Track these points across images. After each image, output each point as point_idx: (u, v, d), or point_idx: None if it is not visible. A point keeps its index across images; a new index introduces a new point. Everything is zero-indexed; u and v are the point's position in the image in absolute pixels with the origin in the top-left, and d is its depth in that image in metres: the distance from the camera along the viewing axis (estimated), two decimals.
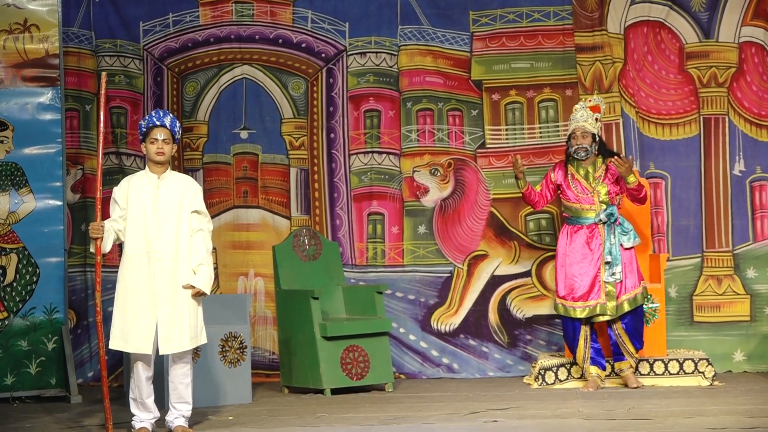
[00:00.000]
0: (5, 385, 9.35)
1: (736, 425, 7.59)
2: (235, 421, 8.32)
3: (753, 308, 10.30)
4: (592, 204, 9.32)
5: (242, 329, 9.22)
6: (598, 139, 9.41)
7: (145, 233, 7.73)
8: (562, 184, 9.42)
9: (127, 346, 7.69)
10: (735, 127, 10.37)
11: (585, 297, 9.24)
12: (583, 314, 9.23)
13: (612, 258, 9.22)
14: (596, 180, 9.34)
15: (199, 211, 7.90)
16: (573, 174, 9.40)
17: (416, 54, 10.53)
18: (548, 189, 9.50)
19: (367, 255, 10.50)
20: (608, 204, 9.31)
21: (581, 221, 9.34)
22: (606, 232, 9.28)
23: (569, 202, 9.40)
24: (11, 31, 9.53)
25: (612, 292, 9.22)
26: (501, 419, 8.07)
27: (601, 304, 9.22)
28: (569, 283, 9.29)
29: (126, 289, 7.72)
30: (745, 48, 10.39)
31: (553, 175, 9.47)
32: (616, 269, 9.21)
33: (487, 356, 10.39)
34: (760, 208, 10.36)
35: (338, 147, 10.55)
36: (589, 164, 9.40)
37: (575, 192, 9.36)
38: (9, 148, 9.49)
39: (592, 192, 9.32)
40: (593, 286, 9.24)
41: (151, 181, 7.82)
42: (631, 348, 9.28)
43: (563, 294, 9.31)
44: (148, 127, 7.81)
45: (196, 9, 10.58)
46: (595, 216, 9.30)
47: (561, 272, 9.36)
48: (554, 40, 10.47)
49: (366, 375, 9.50)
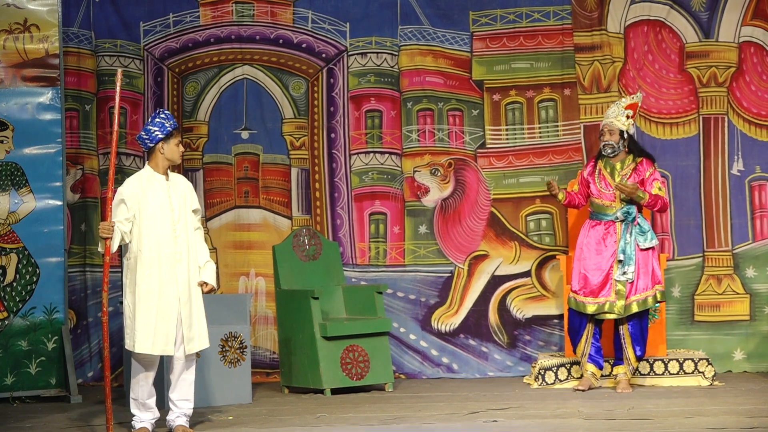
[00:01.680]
0: (5, 385, 9.35)
1: (736, 425, 7.59)
2: (235, 421, 8.33)
3: (753, 308, 10.30)
4: (612, 200, 9.29)
5: (242, 329, 9.22)
6: (627, 137, 9.35)
7: (164, 235, 7.73)
8: (589, 179, 9.40)
9: (155, 348, 7.69)
10: (734, 127, 10.38)
11: (596, 293, 9.21)
12: (592, 309, 9.19)
13: (625, 257, 9.15)
14: (621, 177, 9.28)
15: (197, 209, 7.95)
16: (601, 169, 9.37)
17: (417, 54, 10.53)
18: (583, 185, 9.47)
19: (370, 255, 10.50)
20: (628, 202, 9.26)
21: (601, 217, 9.32)
22: (622, 230, 9.23)
23: (592, 197, 9.39)
24: (11, 31, 9.53)
25: (622, 291, 9.16)
26: (501, 419, 8.08)
27: (611, 302, 9.17)
28: (582, 277, 9.26)
29: (149, 292, 7.70)
30: (744, 48, 10.40)
31: (585, 172, 9.46)
32: (628, 269, 9.15)
33: (487, 356, 10.39)
34: (760, 207, 10.36)
35: (339, 147, 10.55)
36: (618, 161, 9.35)
37: (598, 187, 9.33)
38: (9, 148, 9.50)
39: (614, 188, 9.30)
40: (605, 283, 9.20)
41: (161, 183, 7.81)
42: (632, 353, 9.20)
43: (576, 288, 9.28)
44: (173, 128, 7.81)
45: (196, 9, 10.58)
46: (613, 213, 9.26)
47: (576, 266, 9.34)
48: (554, 40, 10.47)
49: (366, 375, 9.50)
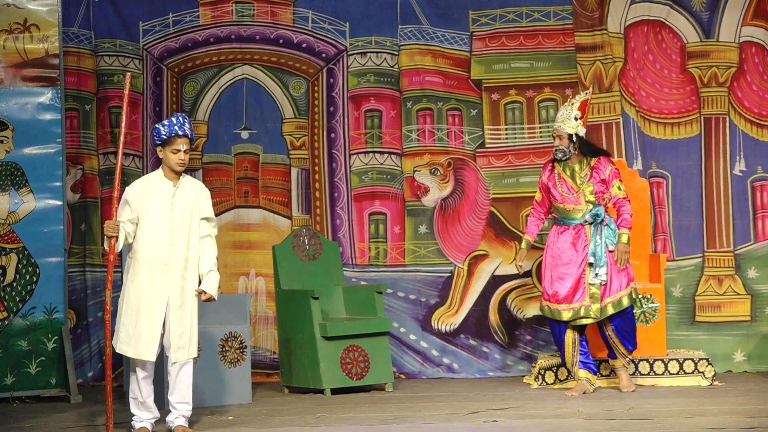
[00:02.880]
0: (5, 385, 9.35)
1: (736, 425, 7.59)
2: (235, 421, 8.32)
3: (753, 308, 10.29)
4: (577, 204, 9.12)
5: (242, 329, 9.22)
6: (576, 140, 9.14)
7: (160, 241, 7.71)
8: (549, 184, 9.22)
9: (131, 351, 7.70)
10: (735, 127, 10.37)
11: (569, 299, 9.07)
12: (567, 316, 9.08)
13: (596, 259, 9.02)
14: (582, 179, 9.13)
15: (209, 218, 7.90)
16: (560, 173, 9.20)
17: (416, 53, 10.53)
18: (545, 193, 9.31)
19: (370, 255, 10.50)
20: (594, 204, 9.11)
21: (567, 222, 9.17)
22: (592, 233, 9.10)
23: (555, 202, 9.21)
24: (11, 31, 9.53)
25: (596, 294, 9.05)
26: (501, 419, 8.07)
27: (585, 306, 9.05)
28: (555, 284, 9.13)
29: (137, 296, 7.71)
30: (745, 48, 10.39)
31: (544, 177, 9.28)
32: (600, 270, 9.02)
33: (487, 356, 10.39)
34: (761, 208, 10.35)
35: (339, 147, 10.55)
36: (575, 163, 9.18)
37: (561, 192, 9.17)
38: (9, 148, 9.49)
39: (578, 192, 9.12)
40: (577, 287, 9.07)
41: (167, 188, 7.79)
42: (623, 349, 9.15)
43: (548, 295, 9.15)
44: (170, 136, 7.77)
45: (196, 9, 10.58)
46: (581, 216, 9.13)
47: (547, 273, 9.19)
48: (554, 40, 10.47)
49: (366, 375, 9.49)
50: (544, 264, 9.26)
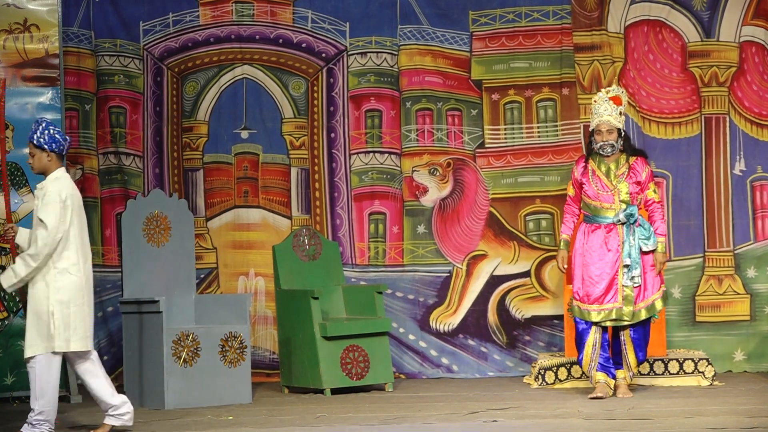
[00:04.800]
0: (5, 385, 9.35)
1: (736, 425, 7.58)
2: (235, 421, 8.32)
3: (753, 308, 10.29)
4: (611, 203, 8.90)
5: (242, 329, 9.21)
6: (623, 135, 8.97)
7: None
8: (582, 180, 8.98)
9: None
10: (736, 127, 10.37)
11: (600, 300, 8.86)
12: (598, 318, 8.85)
13: (631, 261, 8.82)
14: (618, 178, 8.89)
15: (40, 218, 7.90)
16: (594, 170, 8.97)
17: (416, 54, 10.53)
18: (578, 189, 9.05)
19: (369, 254, 10.50)
20: (628, 204, 8.89)
21: (599, 220, 8.94)
22: (625, 233, 8.89)
23: (588, 199, 8.96)
24: (11, 31, 9.53)
25: (630, 296, 8.83)
26: (501, 419, 8.07)
27: (618, 308, 8.82)
28: (586, 284, 8.90)
29: None
30: (745, 47, 10.39)
31: (577, 173, 9.03)
32: (635, 272, 8.81)
33: (487, 356, 10.38)
34: (761, 207, 10.35)
35: (338, 147, 10.55)
36: (612, 161, 8.95)
37: (595, 189, 8.93)
38: (9, 148, 9.48)
39: (613, 190, 8.89)
40: (610, 288, 8.86)
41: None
42: (633, 359, 8.95)
43: (580, 296, 8.92)
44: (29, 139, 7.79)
45: (196, 9, 10.58)
46: (614, 216, 8.90)
47: (578, 273, 8.95)
48: (553, 40, 10.46)
49: (366, 375, 9.49)
50: (573, 263, 9.02)
